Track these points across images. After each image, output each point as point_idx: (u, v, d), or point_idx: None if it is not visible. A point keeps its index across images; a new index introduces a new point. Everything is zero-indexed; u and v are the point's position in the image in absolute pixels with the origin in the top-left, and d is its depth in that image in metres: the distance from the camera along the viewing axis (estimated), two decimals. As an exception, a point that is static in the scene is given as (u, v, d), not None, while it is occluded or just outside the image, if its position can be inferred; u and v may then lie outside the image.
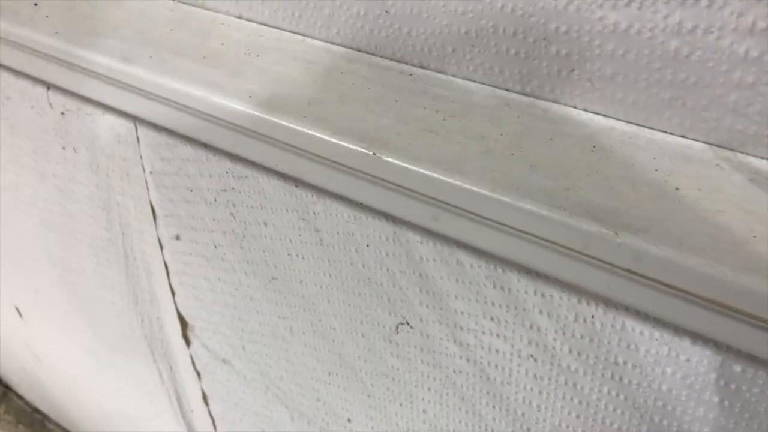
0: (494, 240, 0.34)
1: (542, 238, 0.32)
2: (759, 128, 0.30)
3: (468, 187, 0.32)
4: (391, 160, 0.34)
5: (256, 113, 0.38)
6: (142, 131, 0.58)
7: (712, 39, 0.29)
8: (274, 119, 0.38)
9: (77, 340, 0.95)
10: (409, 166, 0.34)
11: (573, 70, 0.34)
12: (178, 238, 0.64)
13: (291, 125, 0.37)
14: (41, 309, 1.00)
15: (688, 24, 0.29)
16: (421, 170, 0.33)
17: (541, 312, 0.42)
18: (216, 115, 0.40)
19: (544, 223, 0.31)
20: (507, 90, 0.37)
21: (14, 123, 0.71)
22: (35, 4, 0.52)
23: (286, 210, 0.52)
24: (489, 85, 0.38)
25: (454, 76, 0.39)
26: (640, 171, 0.32)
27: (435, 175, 0.33)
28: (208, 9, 0.48)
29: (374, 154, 0.35)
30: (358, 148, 0.35)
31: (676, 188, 0.31)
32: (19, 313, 1.10)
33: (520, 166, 0.33)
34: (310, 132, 0.37)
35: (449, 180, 0.33)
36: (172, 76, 0.42)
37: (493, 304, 0.44)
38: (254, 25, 0.46)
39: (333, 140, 0.36)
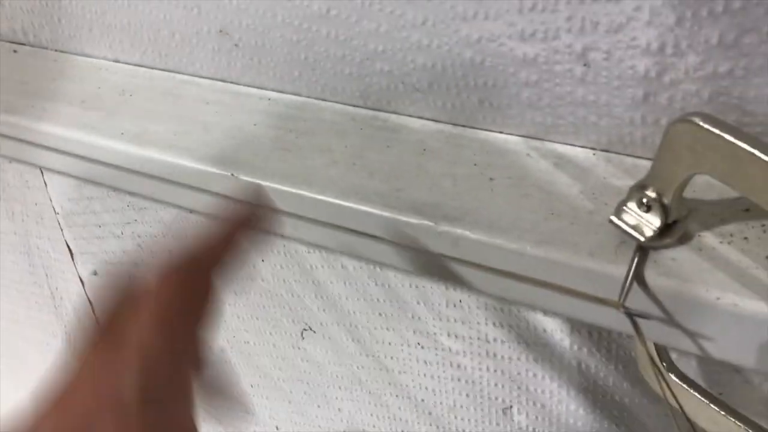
0: (349, 242, 0.38)
1: (382, 238, 0.36)
2: (554, 119, 0.35)
3: (314, 196, 0.36)
4: (246, 178, 0.38)
5: (127, 148, 0.42)
6: (48, 176, 0.61)
7: (496, 46, 0.33)
8: (144, 152, 0.41)
9: (12, 384, 0.96)
10: (267, 183, 0.37)
11: (399, 85, 0.38)
12: (95, 273, 0.66)
13: (160, 156, 0.41)
14: None
15: (475, 35, 0.33)
16: (275, 185, 0.37)
17: (418, 302, 0.46)
18: (99, 158, 0.43)
19: (380, 223, 0.35)
20: (352, 105, 0.41)
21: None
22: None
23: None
24: (336, 102, 0.42)
25: (307, 97, 0.43)
26: (461, 167, 0.36)
27: (286, 189, 0.37)
28: (87, 56, 0.51)
29: (231, 174, 0.38)
30: (219, 171, 0.39)
31: (490, 179, 0.35)
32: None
33: (360, 174, 0.37)
34: (177, 161, 0.40)
35: (302, 192, 0.36)
36: (50, 122, 0.45)
37: (378, 300, 0.48)
38: (129, 67, 0.49)
39: (194, 165, 0.40)
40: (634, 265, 0.29)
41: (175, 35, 0.43)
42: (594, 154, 0.35)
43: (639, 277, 0.29)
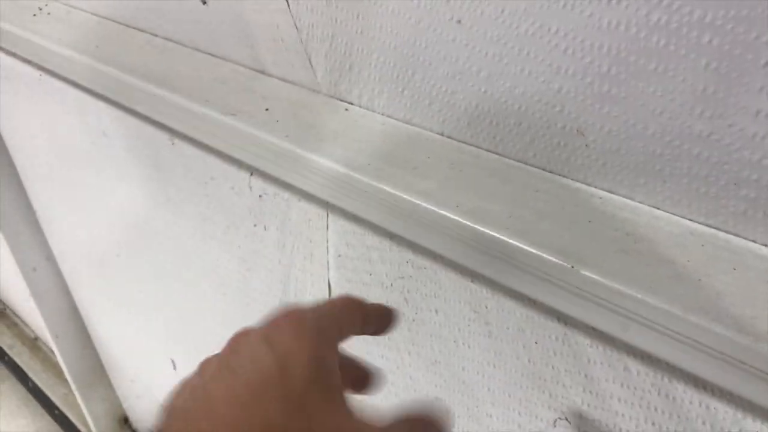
0: (676, 353, 0.39)
1: (726, 355, 0.36)
2: None
3: (662, 306, 0.37)
4: (588, 274, 0.40)
5: (463, 221, 0.45)
6: (333, 219, 0.67)
7: None
8: (481, 228, 0.45)
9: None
10: (606, 282, 0.39)
11: (760, 213, 0.38)
12: (349, 314, 0.71)
13: (497, 235, 0.44)
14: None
15: None
16: (617, 286, 0.39)
17: (704, 422, 0.45)
18: (433, 220, 0.47)
19: (730, 345, 0.36)
20: (691, 220, 0.42)
21: (214, 200, 0.82)
22: (266, 109, 0.62)
23: (459, 301, 0.58)
24: (675, 215, 0.43)
25: (641, 203, 0.44)
26: (820, 306, 0.36)
27: (631, 292, 0.38)
28: (413, 125, 0.56)
29: (572, 267, 0.41)
30: (558, 261, 0.41)
31: None
32: (174, 365, 1.20)
33: (708, 292, 0.38)
34: (514, 242, 0.43)
35: (644, 298, 0.38)
36: (388, 183, 0.50)
37: (655, 410, 0.48)
38: (455, 142, 0.53)
39: (534, 251, 0.42)
40: None
41: (522, 124, 0.47)
42: None
43: None
